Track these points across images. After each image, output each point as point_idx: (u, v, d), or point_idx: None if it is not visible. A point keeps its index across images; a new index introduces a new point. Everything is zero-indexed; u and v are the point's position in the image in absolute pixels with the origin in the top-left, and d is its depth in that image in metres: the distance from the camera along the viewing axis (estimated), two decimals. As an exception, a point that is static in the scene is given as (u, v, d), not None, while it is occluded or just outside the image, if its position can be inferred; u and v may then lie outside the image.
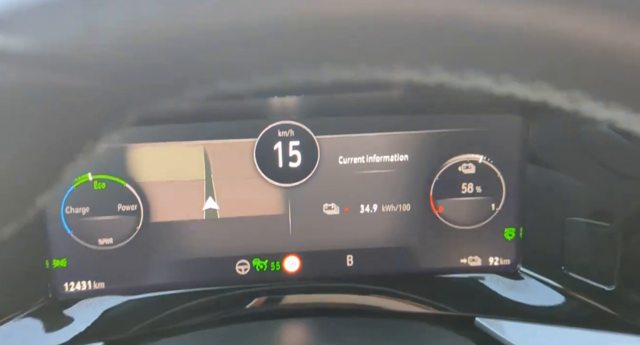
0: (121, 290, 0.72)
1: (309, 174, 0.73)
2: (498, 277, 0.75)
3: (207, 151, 0.71)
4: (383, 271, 0.76)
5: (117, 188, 0.70)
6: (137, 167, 0.70)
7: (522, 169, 0.72)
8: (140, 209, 0.71)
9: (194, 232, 0.73)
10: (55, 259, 0.71)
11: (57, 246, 0.70)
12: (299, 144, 0.72)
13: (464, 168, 0.72)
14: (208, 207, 0.72)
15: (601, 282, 0.67)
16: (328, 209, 0.74)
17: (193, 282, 0.74)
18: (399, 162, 0.72)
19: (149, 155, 0.70)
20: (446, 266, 0.76)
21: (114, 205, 0.70)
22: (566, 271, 0.70)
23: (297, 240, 0.74)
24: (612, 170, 0.64)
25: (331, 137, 0.72)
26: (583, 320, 0.68)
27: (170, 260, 0.73)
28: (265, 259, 0.75)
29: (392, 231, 0.75)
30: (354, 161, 0.73)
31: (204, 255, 0.73)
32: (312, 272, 0.75)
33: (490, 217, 0.74)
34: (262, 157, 0.72)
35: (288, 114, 0.71)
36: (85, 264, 0.71)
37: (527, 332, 0.67)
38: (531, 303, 0.72)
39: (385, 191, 0.73)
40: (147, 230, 0.72)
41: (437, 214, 0.74)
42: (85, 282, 0.72)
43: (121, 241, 0.72)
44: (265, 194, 0.73)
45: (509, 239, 0.74)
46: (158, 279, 0.73)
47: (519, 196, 0.73)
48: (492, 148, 0.72)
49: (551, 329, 0.67)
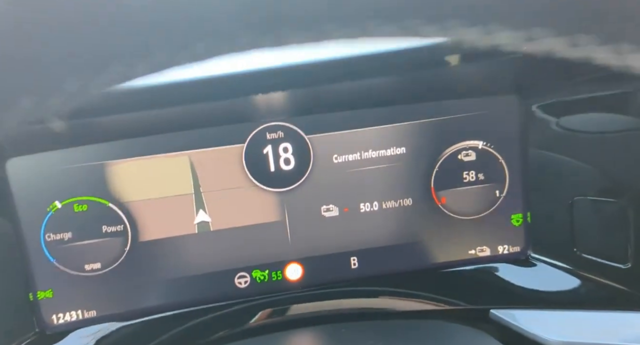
0: (115, 316, 0.68)
1: (304, 176, 0.69)
2: (509, 266, 0.72)
3: (193, 161, 0.67)
4: (389, 270, 0.72)
5: (100, 209, 0.65)
6: (119, 184, 0.65)
7: (524, 151, 0.69)
8: (127, 229, 0.66)
9: (187, 247, 0.68)
10: (40, 291, 0.66)
11: (40, 277, 0.65)
12: (290, 145, 0.68)
13: (463, 156, 0.70)
14: (200, 220, 0.68)
15: (615, 261, 0.64)
16: (327, 211, 0.70)
17: (191, 300, 0.69)
18: (396, 155, 0.69)
19: (131, 171, 0.66)
20: (454, 259, 0.73)
21: (98, 228, 0.66)
22: (578, 253, 0.68)
23: (297, 246, 0.71)
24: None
25: (323, 136, 0.68)
26: (600, 302, 0.65)
27: (164, 279, 0.68)
28: (265, 270, 0.71)
29: (395, 228, 0.71)
30: (349, 158, 0.69)
31: (200, 271, 0.69)
32: (316, 278, 0.72)
33: (496, 204, 0.71)
34: (252, 162, 0.68)
35: (275, 114, 0.67)
36: (73, 292, 0.66)
37: (544, 319, 0.64)
38: (545, 289, 0.69)
39: (385, 187, 0.70)
40: (137, 250, 0.67)
41: (440, 205, 0.71)
42: (75, 311, 0.67)
43: (110, 265, 0.67)
44: (259, 201, 0.69)
45: (517, 225, 0.72)
46: (153, 301, 0.68)
47: (523, 180, 0.70)
48: (492, 132, 0.69)
49: (569, 314, 0.65)
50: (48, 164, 0.63)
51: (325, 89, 0.65)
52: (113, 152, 0.65)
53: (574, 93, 0.64)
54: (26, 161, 0.63)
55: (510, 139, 0.69)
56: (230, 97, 0.59)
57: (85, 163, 0.64)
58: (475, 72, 0.64)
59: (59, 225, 0.65)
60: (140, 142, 0.65)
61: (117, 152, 0.65)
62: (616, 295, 0.65)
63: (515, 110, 0.68)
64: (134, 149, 0.65)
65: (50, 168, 0.63)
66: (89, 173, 0.64)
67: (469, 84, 0.66)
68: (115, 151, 0.65)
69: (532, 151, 0.69)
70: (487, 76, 0.65)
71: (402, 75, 0.64)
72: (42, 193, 0.64)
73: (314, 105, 0.67)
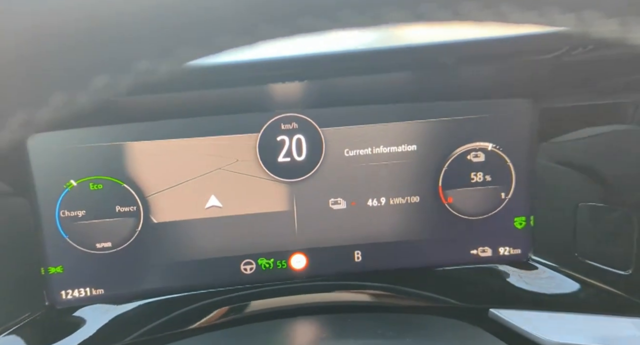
0: (121, 296, 0.69)
1: (314, 168, 0.70)
2: (509, 268, 0.73)
3: (208, 147, 0.68)
4: (392, 266, 0.74)
5: (114, 189, 0.67)
6: (135, 166, 0.67)
7: (532, 155, 0.71)
8: (139, 210, 0.68)
9: (197, 231, 0.70)
10: (51, 266, 0.67)
11: (52, 252, 0.67)
12: (303, 137, 0.69)
13: (473, 156, 0.71)
14: (210, 205, 0.69)
15: (617, 267, 0.66)
16: (334, 204, 0.72)
17: (197, 284, 0.71)
18: (407, 152, 0.71)
19: (148, 153, 0.67)
20: (456, 258, 0.74)
21: (112, 207, 0.67)
22: (580, 257, 0.69)
23: (303, 237, 0.72)
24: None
25: (336, 129, 0.70)
26: (599, 306, 0.66)
27: (173, 262, 0.70)
28: (271, 258, 0.72)
29: (401, 224, 0.73)
30: (361, 153, 0.70)
31: (208, 255, 0.71)
32: (320, 269, 0.73)
33: (500, 206, 0.72)
34: (265, 152, 0.69)
35: (291, 105, 0.69)
36: (82, 269, 0.68)
37: (542, 320, 0.66)
38: (545, 292, 0.70)
39: (393, 183, 0.71)
40: (148, 231, 0.68)
41: (446, 204, 0.72)
42: (84, 289, 0.68)
43: (120, 244, 0.68)
44: (270, 190, 0.70)
45: (520, 227, 0.73)
46: (160, 283, 0.70)
47: (529, 183, 0.71)
48: (502, 134, 0.70)
49: (567, 316, 0.66)
50: (68, 141, 0.65)
51: (342, 83, 0.66)
52: (131, 134, 0.66)
53: (587, 99, 0.65)
54: (46, 138, 0.64)
55: (519, 142, 0.70)
56: (247, 84, 0.61)
57: (104, 143, 0.66)
58: (490, 74, 0.65)
59: (74, 202, 0.66)
60: (158, 126, 0.67)
61: (135, 134, 0.66)
62: (616, 301, 0.66)
63: (527, 114, 0.69)
64: (152, 132, 0.67)
65: (70, 146, 0.65)
66: (107, 153, 0.66)
67: (483, 86, 0.68)
68: (133, 133, 0.66)
69: (539, 156, 0.70)
70: (502, 79, 0.66)
71: (418, 73, 0.65)
72: (60, 170, 0.65)
73: (329, 98, 0.68)
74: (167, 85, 0.58)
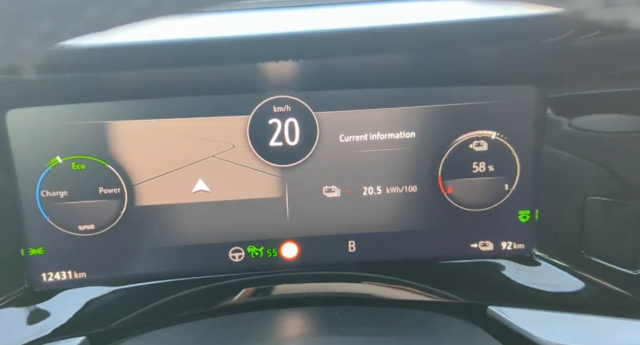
0: (104, 280, 0.67)
1: (308, 154, 0.67)
2: (512, 263, 0.70)
3: (196, 129, 0.65)
4: (387, 257, 0.70)
5: (97, 169, 0.64)
6: (119, 146, 0.64)
7: (538, 145, 0.66)
8: (124, 192, 0.65)
9: (183, 216, 0.67)
10: (31, 248, 0.65)
11: (32, 233, 0.65)
12: (296, 120, 0.66)
13: (475, 145, 0.67)
14: (198, 189, 0.67)
15: (625, 266, 0.62)
16: (328, 192, 0.68)
17: (182, 270, 0.68)
18: (405, 139, 0.67)
19: (132, 133, 0.64)
20: (455, 251, 0.70)
21: (94, 188, 0.65)
22: (586, 255, 0.65)
23: (295, 225, 0.69)
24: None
25: (331, 113, 0.66)
26: (604, 307, 0.63)
27: (157, 247, 0.67)
28: (260, 246, 0.69)
29: (397, 214, 0.69)
30: (356, 139, 0.67)
31: (194, 241, 0.68)
32: (311, 259, 0.70)
33: (504, 198, 0.69)
34: (256, 135, 0.66)
35: (284, 86, 0.65)
36: (64, 252, 0.66)
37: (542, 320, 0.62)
38: (548, 289, 0.67)
39: (390, 171, 0.68)
40: (132, 215, 0.66)
41: (445, 195, 0.69)
42: (65, 271, 0.66)
43: (103, 227, 0.66)
44: (260, 175, 0.67)
45: (524, 221, 0.69)
46: (144, 268, 0.67)
47: (534, 175, 0.67)
48: (506, 123, 0.66)
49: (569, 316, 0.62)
50: (49, 118, 0.62)
51: (337, 64, 0.62)
52: (115, 112, 0.63)
53: (594, 88, 0.61)
54: (27, 114, 0.62)
55: (524, 131, 0.66)
56: (238, 62, 0.57)
57: (86, 121, 0.63)
58: (494, 57, 0.61)
59: (55, 182, 0.64)
60: (144, 104, 0.64)
61: (120, 112, 0.63)
62: (622, 302, 0.62)
63: (533, 101, 0.65)
64: (137, 110, 0.64)
65: (51, 123, 0.62)
66: (90, 132, 0.63)
67: (487, 70, 0.64)
68: (117, 111, 0.63)
69: (546, 146, 0.66)
70: (507, 63, 0.62)
71: (417, 55, 0.61)
72: (41, 148, 0.63)
73: (324, 80, 0.65)
74: (154, 60, 0.55)
